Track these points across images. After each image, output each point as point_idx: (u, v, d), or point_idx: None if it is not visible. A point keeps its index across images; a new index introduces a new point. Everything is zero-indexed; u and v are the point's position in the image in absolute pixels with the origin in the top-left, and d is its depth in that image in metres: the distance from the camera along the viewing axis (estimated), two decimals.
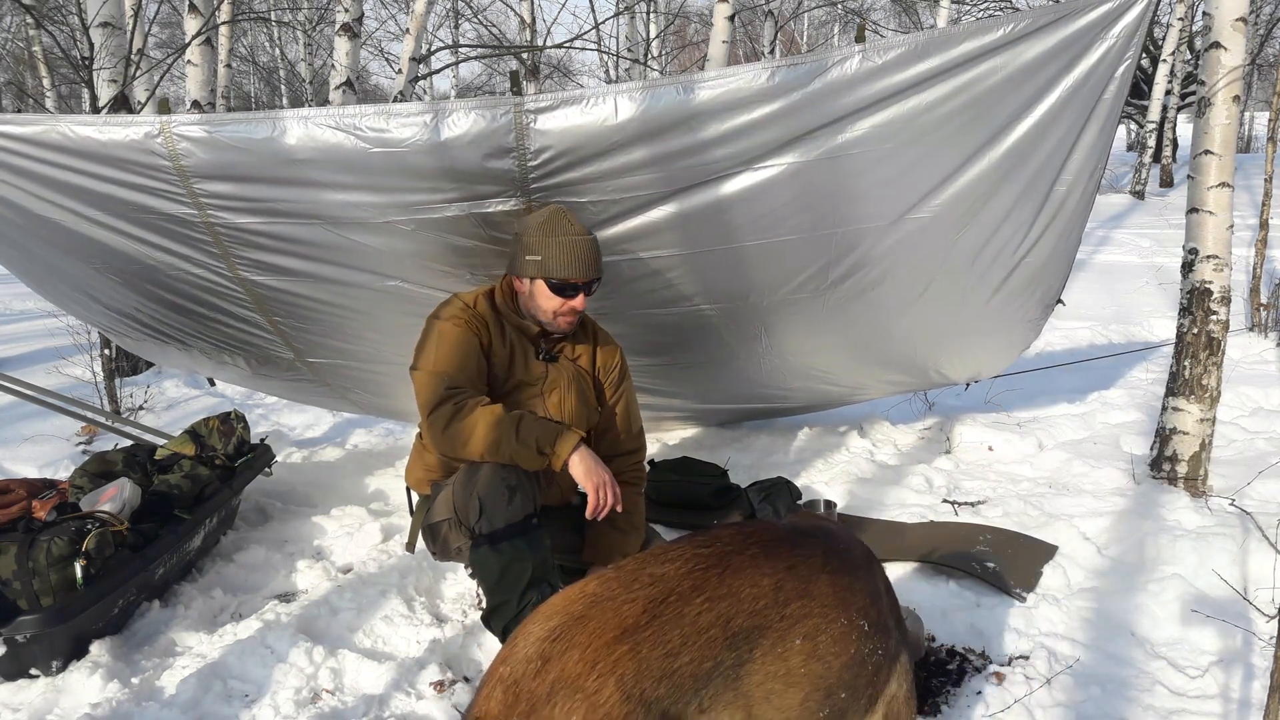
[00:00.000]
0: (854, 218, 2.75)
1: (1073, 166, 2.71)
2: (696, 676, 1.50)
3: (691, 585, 1.58)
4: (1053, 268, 3.10)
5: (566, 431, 2.34)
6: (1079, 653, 2.45)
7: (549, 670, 1.44)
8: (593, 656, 1.45)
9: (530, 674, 1.45)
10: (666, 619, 1.52)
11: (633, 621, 1.50)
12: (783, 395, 3.83)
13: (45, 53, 14.02)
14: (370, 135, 2.40)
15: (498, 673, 1.49)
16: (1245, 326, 5.89)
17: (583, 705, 1.40)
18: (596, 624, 1.49)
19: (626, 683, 1.43)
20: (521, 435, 2.30)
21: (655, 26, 15.26)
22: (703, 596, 1.57)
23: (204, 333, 3.39)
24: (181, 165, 2.49)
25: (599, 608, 1.52)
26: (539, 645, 1.49)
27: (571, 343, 2.64)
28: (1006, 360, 3.76)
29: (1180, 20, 13.30)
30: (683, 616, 1.53)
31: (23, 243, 3.02)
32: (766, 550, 1.71)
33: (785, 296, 3.03)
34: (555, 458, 2.30)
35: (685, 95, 2.36)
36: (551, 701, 1.41)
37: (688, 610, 1.54)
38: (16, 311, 7.74)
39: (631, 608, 1.52)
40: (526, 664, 1.47)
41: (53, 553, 2.50)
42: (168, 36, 17.01)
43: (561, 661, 1.45)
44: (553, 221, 2.47)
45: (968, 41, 2.33)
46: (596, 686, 1.42)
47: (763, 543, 1.73)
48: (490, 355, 2.51)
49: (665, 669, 1.47)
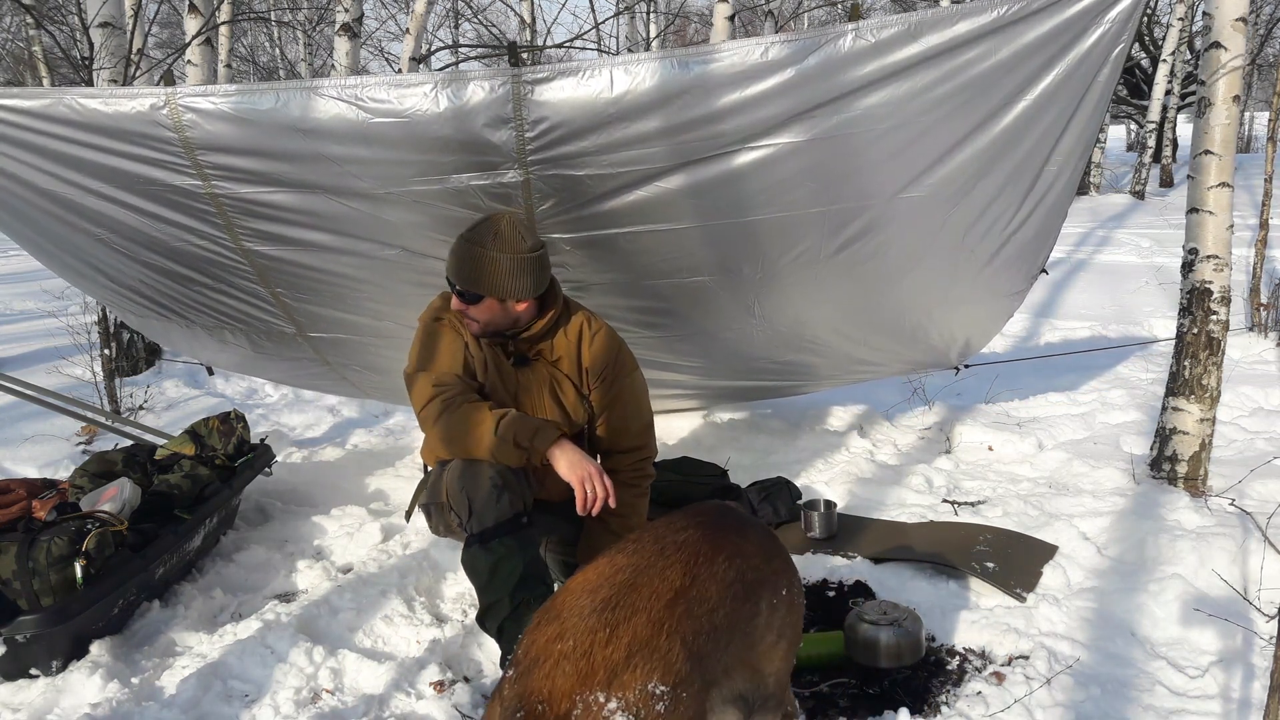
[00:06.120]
0: (849, 195, 2.76)
1: (1064, 147, 2.73)
2: (729, 629, 1.64)
3: (712, 547, 1.71)
4: (1040, 242, 3.14)
5: (546, 426, 2.35)
6: (1079, 653, 2.45)
7: (621, 636, 1.51)
8: (658, 618, 1.54)
9: (601, 643, 1.50)
10: (703, 578, 1.64)
11: (679, 584, 1.61)
12: (775, 369, 3.84)
13: (45, 53, 14.02)
14: (372, 106, 2.43)
15: (555, 650, 1.51)
16: (1245, 326, 5.89)
17: (660, 665, 1.48)
18: (649, 589, 1.59)
19: (688, 641, 1.54)
20: (500, 431, 2.31)
21: (655, 26, 15.26)
22: (723, 555, 1.71)
23: (207, 306, 3.40)
24: (186, 137, 2.52)
25: (645, 575, 1.62)
26: (598, 616, 1.54)
27: (549, 342, 2.61)
28: (993, 330, 3.81)
29: (1180, 20, 13.30)
30: (714, 575, 1.66)
31: (26, 214, 3.04)
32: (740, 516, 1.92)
33: (781, 268, 3.04)
34: (534, 452, 2.31)
35: (681, 70, 2.36)
36: (631, 665, 1.47)
37: (715, 569, 1.67)
38: (16, 311, 7.74)
39: (673, 571, 1.63)
40: (592, 634, 1.51)
41: (53, 553, 2.50)
42: (168, 36, 17.00)
43: (631, 626, 1.52)
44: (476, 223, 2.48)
45: (961, 23, 2.33)
46: (668, 646, 1.51)
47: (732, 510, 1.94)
48: (470, 357, 2.52)
49: (710, 624, 1.59)
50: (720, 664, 1.60)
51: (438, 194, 2.66)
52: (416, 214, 2.74)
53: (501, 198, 2.67)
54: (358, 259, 2.97)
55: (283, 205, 2.74)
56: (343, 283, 3.11)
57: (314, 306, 3.30)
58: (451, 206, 2.71)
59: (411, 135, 2.48)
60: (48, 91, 2.54)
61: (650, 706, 1.45)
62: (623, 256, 2.96)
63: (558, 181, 2.62)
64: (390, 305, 3.22)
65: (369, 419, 4.94)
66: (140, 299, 3.50)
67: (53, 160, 2.69)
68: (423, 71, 7.26)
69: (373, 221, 2.79)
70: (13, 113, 2.56)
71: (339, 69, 6.06)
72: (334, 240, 2.88)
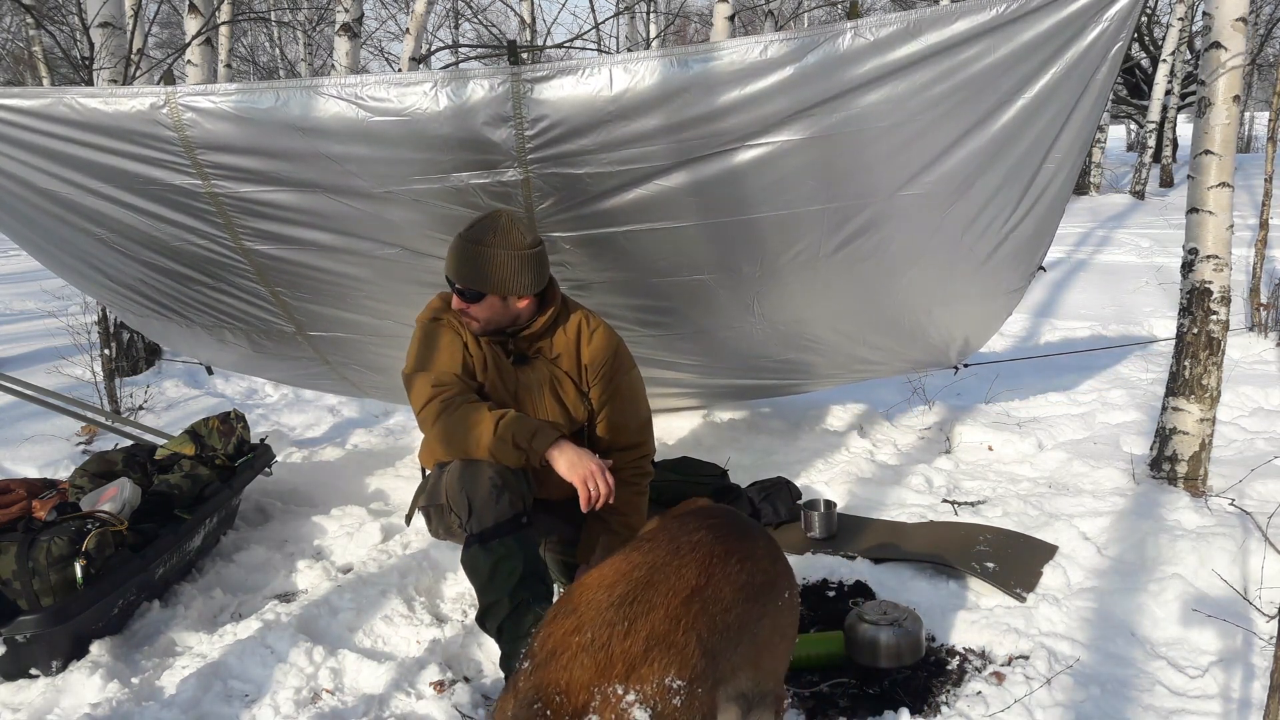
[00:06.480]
0: (848, 193, 2.76)
1: (1061, 145, 2.73)
2: (739, 629, 1.66)
3: (725, 549, 1.74)
4: (1038, 240, 3.15)
5: (544, 427, 2.35)
6: (1079, 653, 2.45)
7: (639, 630, 1.53)
8: (676, 614, 1.57)
9: (619, 636, 1.52)
10: (718, 578, 1.68)
11: (695, 582, 1.64)
12: (775, 367, 3.84)
13: (45, 53, 14.03)
14: (372, 104, 2.43)
15: (573, 642, 1.53)
16: (1245, 326, 5.89)
17: (676, 659, 1.51)
18: (666, 586, 1.62)
19: (703, 638, 1.57)
20: (499, 431, 2.31)
21: (655, 26, 15.25)
22: (735, 557, 1.74)
23: (206, 305, 3.41)
24: (186, 136, 2.52)
25: (662, 572, 1.65)
26: (616, 610, 1.56)
27: (548, 340, 2.61)
28: (992, 328, 3.80)
29: (1180, 20, 13.30)
30: (727, 576, 1.70)
31: (26, 214, 3.04)
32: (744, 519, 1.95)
33: (780, 266, 3.05)
34: (532, 453, 2.31)
35: (681, 68, 2.37)
36: (648, 659, 1.50)
37: (729, 570, 1.71)
38: (16, 311, 7.74)
39: (689, 570, 1.66)
40: (610, 628, 1.54)
41: (53, 553, 2.50)
42: (168, 36, 17.01)
43: (649, 621, 1.54)
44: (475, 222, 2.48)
45: (960, 21, 2.33)
46: (684, 641, 1.53)
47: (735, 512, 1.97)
48: (470, 356, 2.52)
49: (724, 623, 1.62)
50: (730, 662, 1.62)
51: (438, 193, 2.66)
52: (416, 213, 2.74)
53: (501, 196, 2.67)
54: (358, 258, 2.97)
55: (283, 204, 2.74)
56: (343, 282, 3.12)
57: (314, 305, 3.30)
58: (451, 205, 2.71)
59: (411, 134, 2.48)
60: (48, 91, 2.54)
61: (667, 700, 1.47)
62: (622, 255, 2.96)
63: (558, 180, 2.62)
64: (390, 304, 3.22)
65: (369, 419, 4.94)
66: (140, 298, 3.50)
67: (52, 160, 2.69)
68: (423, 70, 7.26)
69: (373, 220, 2.79)
70: (13, 112, 2.56)
71: (339, 69, 6.06)
72: (334, 239, 2.88)
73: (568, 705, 1.46)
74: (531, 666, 1.54)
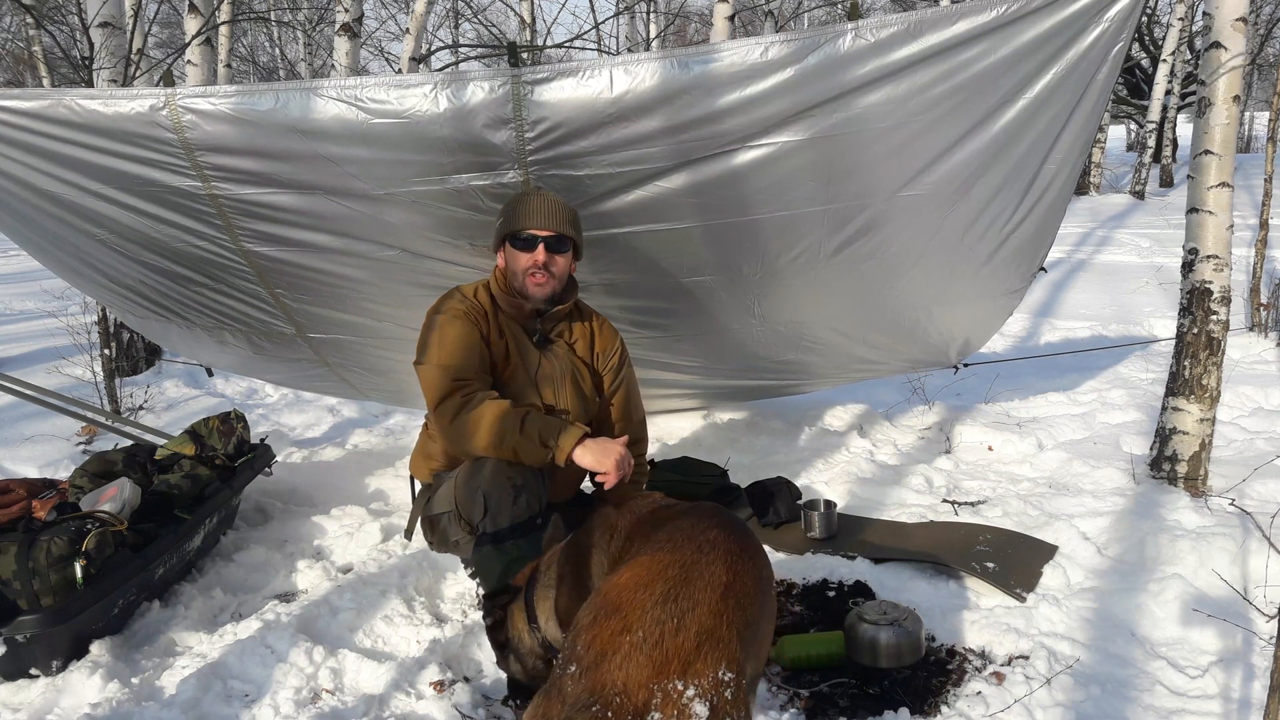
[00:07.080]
0: (848, 194, 2.77)
1: (1062, 146, 2.74)
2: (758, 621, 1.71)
3: (739, 546, 1.77)
4: (1038, 241, 3.15)
5: (570, 426, 2.35)
6: (1079, 653, 2.45)
7: (689, 625, 1.56)
8: (718, 609, 1.61)
9: (670, 632, 1.54)
10: (741, 574, 1.71)
11: (726, 579, 1.68)
12: (775, 367, 3.84)
13: (45, 53, 14.02)
14: (372, 106, 2.44)
15: (623, 642, 1.54)
16: (1245, 326, 5.89)
17: (724, 653, 1.55)
18: (703, 582, 1.65)
19: (740, 631, 1.61)
20: (525, 429, 2.31)
21: (655, 26, 15.25)
22: (749, 553, 1.78)
23: (206, 307, 3.41)
24: (186, 138, 2.53)
25: (696, 570, 1.67)
26: (662, 607, 1.58)
27: (569, 324, 2.63)
28: (992, 329, 3.81)
29: (1180, 20, 13.30)
30: (748, 571, 1.73)
31: (26, 215, 3.05)
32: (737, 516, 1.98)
33: (780, 267, 3.05)
34: (559, 450, 2.31)
35: (681, 70, 2.37)
36: (701, 654, 1.53)
37: (748, 566, 1.75)
38: (16, 311, 7.74)
39: (718, 567, 1.69)
40: (660, 625, 1.55)
41: (53, 553, 2.50)
42: (168, 36, 17.00)
43: (695, 617, 1.57)
44: (523, 192, 2.51)
45: (960, 22, 2.34)
46: (729, 636, 1.58)
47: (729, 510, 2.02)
48: (489, 346, 2.52)
49: (750, 617, 1.67)
50: (753, 653, 1.66)
51: (438, 194, 2.66)
52: (416, 215, 2.74)
53: (502, 198, 2.67)
54: (358, 260, 2.97)
55: (282, 206, 2.74)
56: (342, 283, 3.11)
57: (314, 307, 3.30)
58: (451, 207, 2.71)
59: (411, 136, 2.48)
60: (47, 92, 2.54)
61: (721, 693, 1.50)
62: (623, 256, 2.96)
63: (558, 182, 2.63)
64: (390, 306, 3.22)
65: (369, 419, 4.95)
66: (140, 299, 3.50)
67: (53, 161, 2.69)
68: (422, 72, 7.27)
69: (373, 222, 2.79)
70: (13, 114, 2.56)
71: (339, 69, 6.06)
72: (334, 241, 2.88)
73: (629, 705, 1.46)
74: (580, 670, 1.53)
